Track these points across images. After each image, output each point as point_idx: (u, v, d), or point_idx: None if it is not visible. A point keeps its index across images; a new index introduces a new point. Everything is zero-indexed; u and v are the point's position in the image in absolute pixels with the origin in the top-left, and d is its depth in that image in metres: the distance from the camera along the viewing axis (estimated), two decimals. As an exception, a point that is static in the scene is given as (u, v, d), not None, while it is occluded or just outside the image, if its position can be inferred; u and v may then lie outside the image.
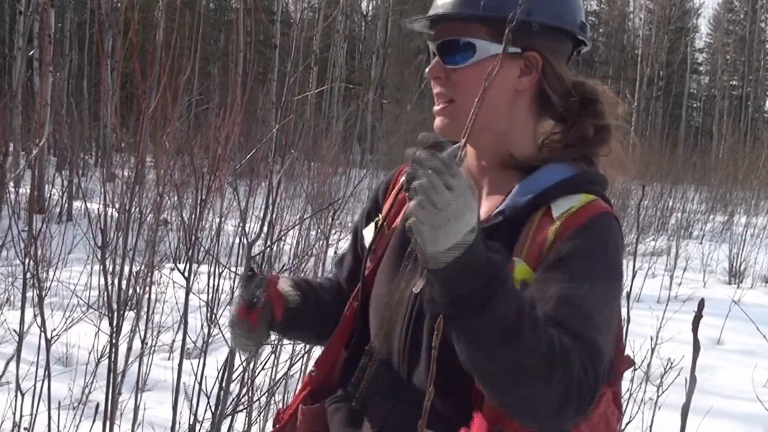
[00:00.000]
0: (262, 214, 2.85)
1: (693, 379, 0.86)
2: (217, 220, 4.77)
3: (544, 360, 1.11)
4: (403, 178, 1.40)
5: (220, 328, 2.90)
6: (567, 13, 1.38)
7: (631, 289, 2.52)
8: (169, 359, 5.00)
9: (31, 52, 13.60)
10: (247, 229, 2.89)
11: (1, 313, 3.78)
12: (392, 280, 1.41)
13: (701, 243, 12.39)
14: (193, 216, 3.33)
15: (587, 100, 1.39)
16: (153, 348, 4.21)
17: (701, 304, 0.98)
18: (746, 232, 11.05)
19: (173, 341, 5.00)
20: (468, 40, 1.34)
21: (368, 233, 1.53)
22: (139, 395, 3.30)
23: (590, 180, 1.36)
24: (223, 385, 2.78)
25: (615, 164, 1.44)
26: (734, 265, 9.94)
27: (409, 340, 1.35)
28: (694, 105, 48.45)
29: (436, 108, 1.40)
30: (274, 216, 3.07)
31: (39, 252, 3.18)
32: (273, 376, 3.34)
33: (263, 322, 1.49)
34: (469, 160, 1.44)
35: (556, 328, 1.15)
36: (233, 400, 2.96)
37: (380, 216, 1.52)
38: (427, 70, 1.41)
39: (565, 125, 1.39)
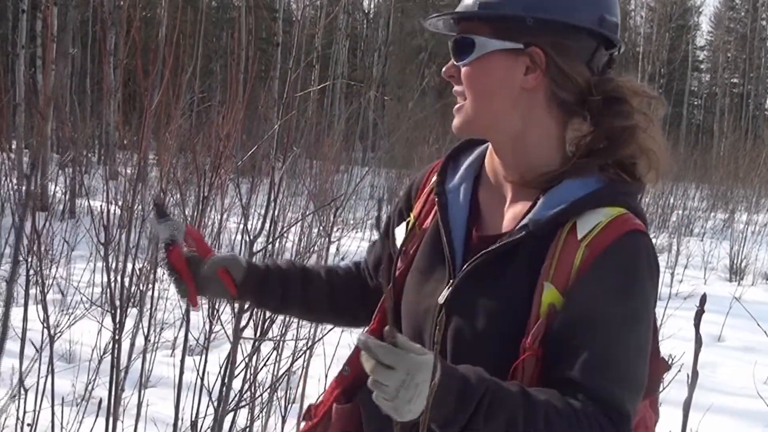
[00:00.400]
0: (264, 212, 2.85)
1: (695, 373, 0.86)
2: (219, 217, 4.77)
3: None
4: (434, 178, 1.45)
5: (222, 325, 2.90)
6: (576, 8, 1.31)
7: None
8: (171, 356, 5.01)
9: (31, 50, 13.61)
10: (249, 226, 2.89)
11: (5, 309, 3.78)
12: (422, 286, 1.41)
13: (702, 240, 12.39)
14: (196, 213, 3.34)
15: (610, 99, 1.31)
16: (155, 345, 4.22)
17: (703, 299, 0.98)
18: (747, 229, 11.05)
19: (175, 338, 5.01)
20: (469, 38, 1.34)
21: (400, 233, 1.52)
22: (141, 392, 3.31)
23: (619, 191, 1.31)
24: (226, 381, 2.78)
25: (653, 167, 1.35)
26: (735, 262, 9.93)
27: (435, 349, 1.35)
28: (695, 103, 48.36)
29: (455, 107, 1.40)
30: (276, 213, 3.07)
31: (42, 249, 3.18)
32: (275, 372, 3.35)
33: (195, 267, 1.56)
34: (492, 168, 1.42)
35: (578, 395, 1.19)
36: (235, 396, 2.96)
37: (412, 216, 1.51)
38: (443, 69, 1.40)
39: (593, 128, 1.33)
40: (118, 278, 3.03)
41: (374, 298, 1.55)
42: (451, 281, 1.35)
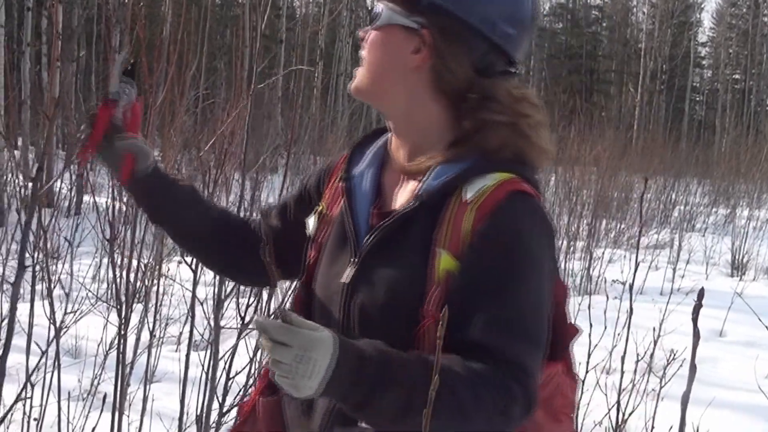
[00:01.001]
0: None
1: (693, 367, 0.86)
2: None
3: (471, 406, 1.18)
4: (343, 167, 1.50)
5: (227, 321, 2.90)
6: (471, 7, 1.35)
7: (633, 281, 2.51)
8: (176, 351, 5.01)
9: (36, 47, 13.61)
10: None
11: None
12: (330, 270, 1.44)
13: (704, 235, 12.36)
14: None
15: (486, 98, 1.36)
16: (161, 340, 4.23)
17: (701, 293, 0.98)
18: (749, 224, 11.04)
19: (180, 333, 5.01)
20: (380, 6, 1.41)
21: (311, 222, 1.53)
22: (147, 386, 3.32)
23: (506, 160, 1.35)
24: (230, 375, 2.79)
25: (540, 154, 1.41)
26: (737, 257, 9.92)
27: (344, 329, 1.36)
28: (697, 99, 48.26)
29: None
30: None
31: (48, 245, 3.19)
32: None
33: (111, 136, 1.53)
34: (393, 151, 1.47)
35: (480, 357, 1.20)
36: (240, 390, 2.97)
37: (323, 204, 1.53)
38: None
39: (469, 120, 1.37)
40: (124, 274, 3.03)
41: (260, 256, 1.59)
42: (353, 260, 1.38)
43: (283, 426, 1.47)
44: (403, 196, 1.40)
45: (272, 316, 1.18)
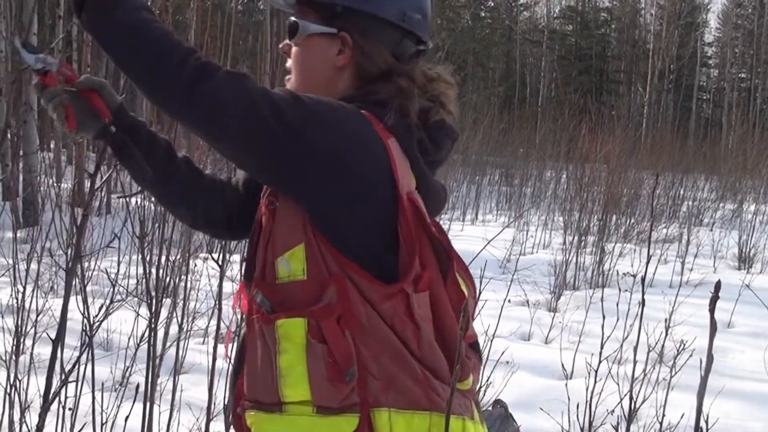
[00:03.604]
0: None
1: (710, 356, 0.85)
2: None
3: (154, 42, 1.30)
4: None
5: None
6: (381, 2, 1.46)
7: (645, 274, 2.50)
8: (203, 343, 5.04)
9: (67, 54, 13.69)
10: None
11: (47, 300, 3.82)
12: None
13: (712, 230, 12.28)
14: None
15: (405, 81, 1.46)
16: (189, 333, 4.25)
17: (718, 286, 0.97)
18: (755, 219, 10.94)
19: (207, 326, 5.03)
20: (296, 20, 1.50)
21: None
22: (176, 377, 3.33)
23: (365, 101, 1.42)
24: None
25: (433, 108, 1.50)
26: (744, 251, 9.84)
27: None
28: (704, 97, 47.88)
29: (286, 78, 1.56)
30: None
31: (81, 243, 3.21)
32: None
33: (71, 99, 1.49)
34: None
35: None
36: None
37: None
38: (280, 45, 1.57)
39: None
40: (153, 270, 3.05)
41: (234, 209, 1.64)
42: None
43: None
44: None
45: None
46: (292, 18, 1.51)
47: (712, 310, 0.84)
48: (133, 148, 1.54)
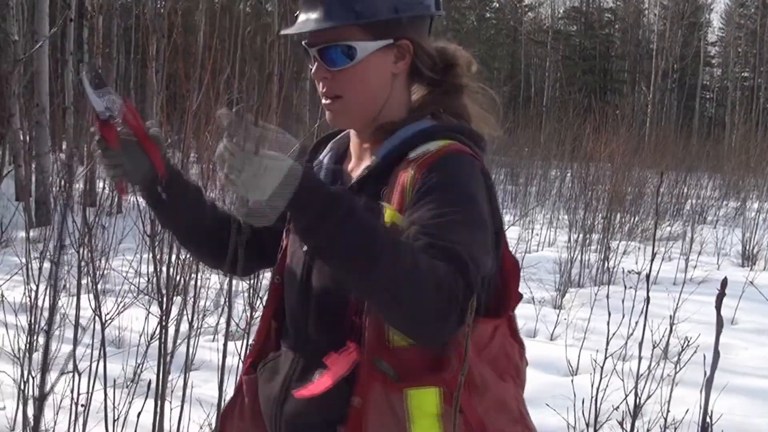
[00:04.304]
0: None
1: (716, 352, 0.85)
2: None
3: (411, 274, 1.15)
4: (308, 156, 1.56)
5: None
6: (431, 1, 1.45)
7: (650, 271, 2.50)
8: (213, 341, 5.05)
9: (79, 56, 13.74)
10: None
11: (59, 299, 3.84)
12: (295, 242, 1.48)
13: (715, 228, 12.25)
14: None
15: (449, 65, 1.46)
16: (199, 330, 4.26)
17: (724, 283, 0.97)
18: (758, 216, 10.91)
19: (218, 324, 5.04)
20: (348, 44, 1.39)
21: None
22: (187, 374, 3.34)
23: (450, 128, 1.41)
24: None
25: (481, 120, 1.50)
26: (747, 248, 9.81)
27: (304, 293, 1.41)
28: (708, 96, 47.77)
29: (325, 103, 1.45)
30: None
31: (92, 242, 3.22)
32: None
33: (129, 148, 1.42)
34: (355, 141, 1.51)
35: (423, 246, 1.20)
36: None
37: None
38: (313, 72, 1.44)
39: (433, 88, 1.47)
40: (164, 268, 3.06)
41: (260, 249, 1.60)
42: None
43: (259, 401, 1.51)
44: (359, 171, 1.45)
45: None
46: (339, 42, 1.39)
47: (718, 307, 0.84)
48: (171, 206, 1.54)
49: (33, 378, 3.19)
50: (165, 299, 2.88)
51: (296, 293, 1.43)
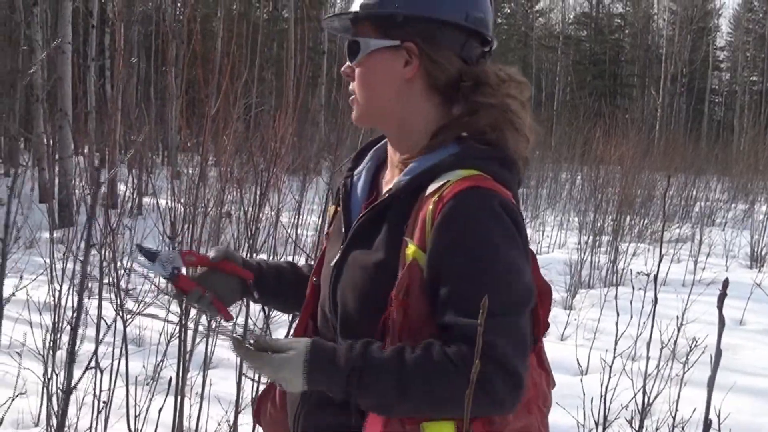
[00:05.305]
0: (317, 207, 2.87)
1: (719, 352, 0.86)
2: (274, 213, 4.81)
3: (450, 394, 1.19)
4: (349, 165, 1.56)
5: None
6: (442, 5, 1.36)
7: (658, 273, 2.49)
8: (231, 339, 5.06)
9: (100, 62, 13.83)
10: (301, 220, 2.91)
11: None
12: (328, 256, 1.48)
13: (724, 230, 12.18)
14: (253, 209, 3.37)
15: (478, 83, 1.37)
16: (217, 329, 4.28)
17: (725, 283, 0.97)
18: (767, 219, 10.84)
19: (235, 323, 5.06)
20: (356, 39, 1.40)
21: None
22: (205, 372, 3.36)
23: (474, 155, 1.33)
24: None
25: (519, 140, 1.39)
26: (755, 250, 9.75)
27: (332, 308, 1.41)
28: (716, 100, 47.49)
29: (349, 100, 1.47)
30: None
31: (114, 243, 3.25)
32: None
33: (209, 280, 1.54)
34: (389, 152, 1.49)
35: (457, 357, 1.19)
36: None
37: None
38: (342, 69, 1.46)
39: (461, 106, 1.39)
40: (183, 269, 3.07)
41: None
42: (341, 246, 1.41)
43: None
44: (384, 190, 1.44)
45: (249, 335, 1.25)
46: (351, 38, 1.41)
47: (720, 307, 0.84)
48: (263, 299, 1.65)
49: (56, 375, 3.22)
50: (184, 299, 2.90)
51: (327, 304, 1.43)
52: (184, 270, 1.52)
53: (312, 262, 1.70)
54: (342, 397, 1.23)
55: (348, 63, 1.43)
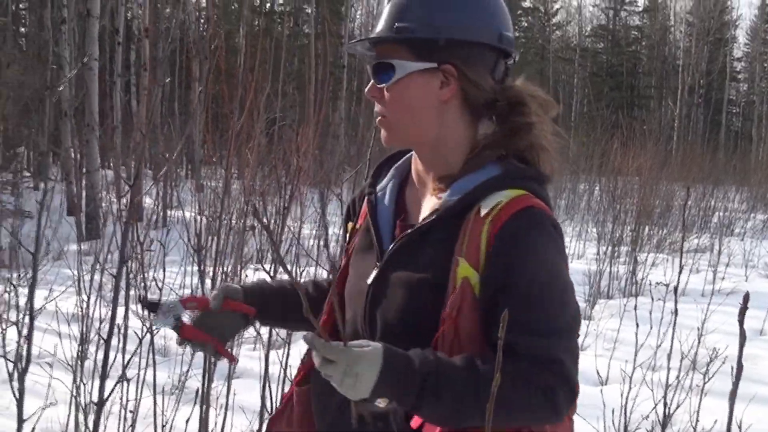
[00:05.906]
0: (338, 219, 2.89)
1: (740, 366, 0.85)
2: (297, 224, 4.83)
3: (524, 404, 1.21)
4: (370, 181, 1.55)
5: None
6: (479, 28, 1.37)
7: (678, 283, 2.48)
8: (255, 350, 5.08)
9: (126, 78, 13.96)
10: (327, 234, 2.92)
11: (109, 309, 3.90)
12: (357, 272, 1.47)
13: (743, 240, 12.06)
14: (277, 222, 3.39)
15: (514, 103, 1.38)
16: (241, 340, 4.29)
17: (746, 297, 0.97)
18: (786, 229, 10.74)
19: (258, 333, 5.08)
20: (389, 61, 1.38)
21: (346, 237, 1.59)
22: (230, 382, 3.37)
23: (518, 175, 1.35)
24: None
25: (547, 159, 1.42)
26: (775, 260, 9.66)
27: (368, 326, 1.40)
28: (734, 111, 47.09)
29: (377, 122, 1.45)
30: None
31: (141, 255, 3.27)
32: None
33: (212, 320, 1.54)
34: (416, 170, 1.48)
35: (514, 357, 1.20)
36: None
37: (353, 221, 1.57)
38: (366, 91, 1.45)
39: (498, 127, 1.40)
40: (207, 280, 3.10)
41: None
42: (378, 264, 1.40)
43: (311, 412, 1.52)
44: (425, 210, 1.43)
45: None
46: (382, 60, 1.39)
47: (741, 321, 0.84)
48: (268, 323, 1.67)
49: (84, 385, 3.25)
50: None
51: (359, 325, 1.42)
52: (186, 317, 1.54)
53: (329, 277, 1.70)
54: (411, 402, 1.19)
55: (374, 84, 1.42)
